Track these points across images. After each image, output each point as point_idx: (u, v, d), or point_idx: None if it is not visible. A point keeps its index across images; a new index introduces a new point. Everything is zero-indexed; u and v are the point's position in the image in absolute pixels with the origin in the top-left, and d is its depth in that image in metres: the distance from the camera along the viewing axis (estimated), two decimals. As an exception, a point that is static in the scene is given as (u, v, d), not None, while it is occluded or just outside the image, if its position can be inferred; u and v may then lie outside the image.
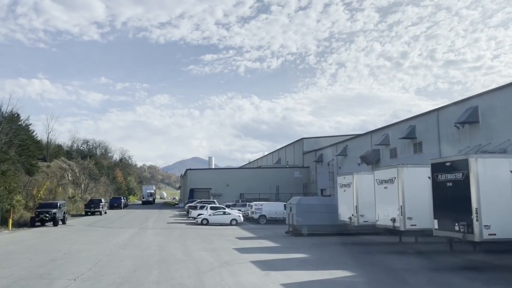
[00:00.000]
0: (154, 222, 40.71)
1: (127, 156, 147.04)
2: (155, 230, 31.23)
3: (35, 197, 41.91)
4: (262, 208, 41.47)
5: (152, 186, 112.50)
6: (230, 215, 39.01)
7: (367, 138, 57.34)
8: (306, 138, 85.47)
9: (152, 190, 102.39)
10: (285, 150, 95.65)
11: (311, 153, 79.42)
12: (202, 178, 78.89)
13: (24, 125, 64.76)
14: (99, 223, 38.08)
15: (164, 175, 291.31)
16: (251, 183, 77.55)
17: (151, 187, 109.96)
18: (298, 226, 28.11)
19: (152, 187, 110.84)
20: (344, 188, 24.25)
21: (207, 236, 27.11)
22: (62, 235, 26.52)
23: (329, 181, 68.11)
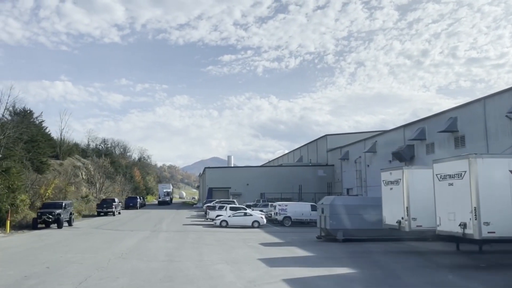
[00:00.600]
0: (169, 224, 37.27)
1: (146, 155, 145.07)
2: (168, 234, 27.68)
3: (42, 196, 39.00)
4: (286, 209, 37.56)
5: (169, 185, 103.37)
6: (251, 217, 35.23)
7: (399, 133, 52.74)
8: (330, 134, 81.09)
9: (169, 189, 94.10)
10: (307, 147, 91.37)
11: (335, 150, 75.01)
12: (221, 177, 75.40)
13: (37, 122, 62.59)
14: (109, 225, 34.82)
15: (183, 175, 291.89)
16: (272, 182, 73.70)
17: (168, 185, 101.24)
18: (332, 230, 24.13)
19: (169, 186, 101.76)
20: (391, 186, 20.14)
21: (226, 242, 23.39)
22: (61, 239, 23.20)
23: (356, 180, 63.70)
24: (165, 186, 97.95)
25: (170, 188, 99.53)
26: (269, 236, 27.78)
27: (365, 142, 63.20)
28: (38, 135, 48.44)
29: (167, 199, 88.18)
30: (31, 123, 59.47)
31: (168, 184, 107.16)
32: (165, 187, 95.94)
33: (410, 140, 47.80)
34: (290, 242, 24.21)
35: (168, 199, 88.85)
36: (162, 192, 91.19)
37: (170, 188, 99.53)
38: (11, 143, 34.83)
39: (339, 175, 72.76)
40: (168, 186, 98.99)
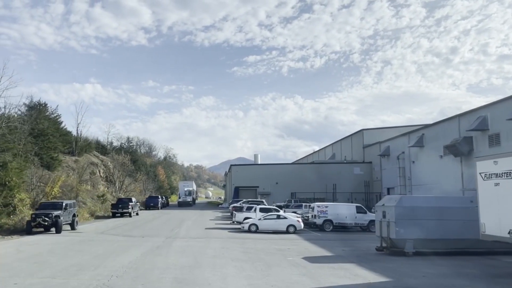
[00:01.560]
0: (189, 227, 31.97)
1: (171, 154, 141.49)
2: (185, 242, 22.29)
3: (48, 195, 34.47)
4: (327, 211, 31.63)
5: (191, 183, 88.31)
6: (286, 220, 29.48)
7: (453, 124, 45.85)
8: (367, 129, 74.32)
9: (191, 188, 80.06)
10: (341, 144, 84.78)
11: (374, 146, 68.28)
12: (248, 175, 69.90)
13: (53, 116, 58.79)
14: (119, 228, 29.81)
15: (210, 174, 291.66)
16: (304, 181, 67.71)
17: (190, 183, 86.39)
18: (398, 240, 18.14)
19: (191, 183, 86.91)
20: (496, 181, 13.95)
21: (259, 255, 17.79)
22: (44, 251, 18.12)
23: (399, 178, 56.88)
24: (187, 184, 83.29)
25: (193, 186, 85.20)
26: (311, 245, 22.00)
27: (409, 135, 56.40)
28: (48, 129, 44.11)
29: (189, 199, 73.96)
30: (45, 117, 55.75)
31: (190, 182, 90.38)
32: (187, 185, 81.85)
33: (468, 131, 41.08)
34: (342, 255, 18.37)
35: (190, 199, 74.71)
36: (183, 191, 77.87)
37: (193, 186, 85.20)
38: (9, 134, 30.21)
39: (378, 173, 66.03)
40: (190, 184, 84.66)
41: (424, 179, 50.75)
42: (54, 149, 43.99)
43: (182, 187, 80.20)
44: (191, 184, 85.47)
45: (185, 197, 73.70)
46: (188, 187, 79.37)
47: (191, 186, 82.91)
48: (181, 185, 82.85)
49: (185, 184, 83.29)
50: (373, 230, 31.37)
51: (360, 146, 73.64)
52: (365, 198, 66.60)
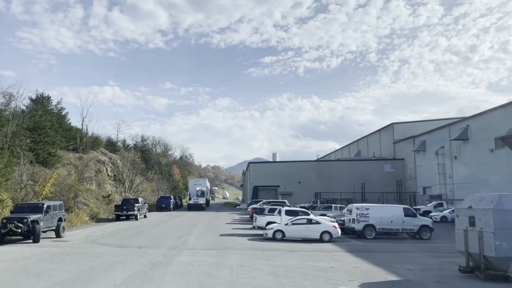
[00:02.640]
0: (201, 233, 26.61)
1: (187, 153, 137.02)
2: (191, 257, 16.92)
3: (38, 195, 29.61)
4: (368, 214, 25.86)
5: (204, 180, 72.53)
6: (319, 226, 23.84)
7: (506, 113, 39.53)
8: (398, 123, 67.99)
9: (204, 187, 63.60)
10: (367, 140, 78.54)
11: (406, 141, 62.01)
12: (268, 174, 64.37)
13: (57, 109, 54.40)
14: (115, 235, 24.64)
15: (227, 175, 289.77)
16: (329, 180, 61.97)
17: (203, 181, 71.16)
18: (499, 259, 12.36)
19: (204, 181, 71.45)
20: None
21: (295, 279, 12.30)
22: (2, 267, 12.93)
23: (438, 176, 50.64)
24: (199, 182, 67.59)
25: (206, 185, 68.39)
26: (361, 262, 16.34)
27: (450, 128, 50.11)
28: (46, 121, 39.40)
29: (201, 201, 57.59)
30: (48, 111, 51.38)
31: (203, 180, 73.91)
32: (199, 184, 65.98)
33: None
34: (415, 280, 12.71)
35: (203, 201, 58.15)
36: (194, 191, 61.58)
37: (206, 185, 68.39)
38: None
39: (412, 170, 59.73)
40: (203, 183, 68.60)
41: (470, 176, 44.40)
42: (52, 144, 39.26)
43: (193, 186, 64.37)
44: (204, 182, 68.95)
45: (197, 198, 58.17)
46: (200, 186, 63.87)
47: (204, 185, 66.44)
48: (192, 184, 66.79)
49: (196, 182, 67.81)
50: (425, 238, 25.72)
51: (390, 141, 67.39)
52: (397, 198, 60.45)
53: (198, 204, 56.58)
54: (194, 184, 65.64)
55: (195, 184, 65.65)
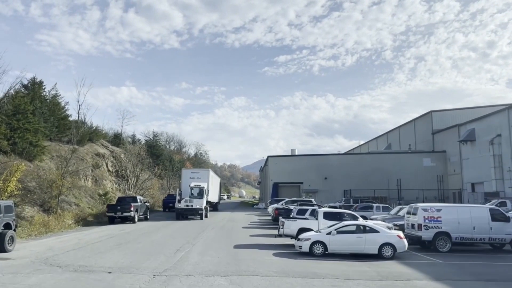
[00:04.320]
0: (208, 244, 19.54)
1: (202, 150, 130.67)
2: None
3: (1, 192, 22.98)
4: (440, 218, 18.46)
5: (205, 172, 44.03)
6: (377, 235, 16.51)
7: None
8: (437, 111, 59.82)
9: (203, 183, 38.83)
10: (399, 131, 70.47)
11: (449, 130, 53.93)
12: (289, 169, 56.99)
13: (50, 96, 48.25)
14: (85, 249, 17.71)
15: (243, 174, 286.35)
16: (359, 176, 54.35)
17: (203, 173, 43.42)
18: None
19: (204, 173, 43.53)
20: None
21: None
22: None
23: (494, 170, 42.57)
24: (196, 174, 42.68)
25: (209, 179, 42.39)
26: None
27: (509, 112, 41.94)
28: (27, 105, 32.92)
29: (197, 205, 35.20)
30: (41, 97, 45.27)
31: (204, 171, 44.98)
32: (196, 176, 41.75)
33: None
34: None
35: (201, 204, 35.35)
36: (186, 188, 38.00)
37: (209, 179, 42.39)
38: None
39: (457, 164, 51.63)
40: (203, 175, 42.47)
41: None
42: (34, 132, 32.78)
43: (186, 181, 40.58)
44: (205, 174, 42.64)
45: (191, 200, 35.41)
46: (198, 180, 40.05)
47: (205, 178, 41.30)
48: (185, 176, 42.04)
49: (193, 174, 42.70)
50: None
51: (427, 131, 59.35)
52: (438, 196, 52.51)
53: (192, 210, 34.59)
54: (189, 178, 40.84)
55: (190, 177, 40.94)
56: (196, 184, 37.12)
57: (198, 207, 34.64)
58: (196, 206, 34.68)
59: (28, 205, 27.59)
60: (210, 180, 42.58)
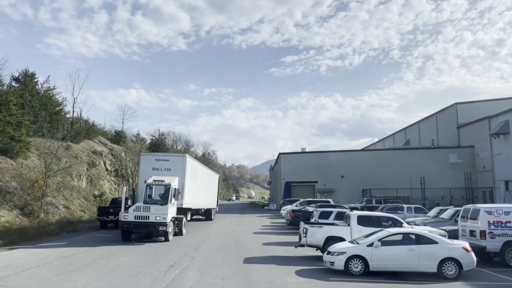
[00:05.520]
0: (211, 257, 15.48)
1: (210, 150, 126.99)
2: None
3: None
4: (510, 223, 14.25)
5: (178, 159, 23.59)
6: (435, 247, 12.35)
7: None
8: (462, 103, 55.27)
9: (172, 179, 21.41)
10: (419, 126, 65.95)
11: (477, 123, 49.41)
12: (303, 167, 52.80)
13: (43, 89, 44.69)
14: (57, 263, 13.76)
15: (252, 174, 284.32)
16: (378, 174, 50.06)
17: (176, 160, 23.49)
18: None
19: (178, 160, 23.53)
20: None
21: None
22: None
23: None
24: (164, 163, 23.18)
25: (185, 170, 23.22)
26: None
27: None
28: (7, 95, 29.18)
29: (159, 216, 19.61)
30: (33, 90, 41.82)
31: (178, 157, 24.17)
32: (162, 165, 23.09)
33: None
34: None
35: (161, 216, 19.61)
36: (143, 186, 21.09)
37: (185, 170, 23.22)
38: None
39: (487, 160, 47.07)
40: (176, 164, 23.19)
41: None
42: (17, 126, 29.05)
43: (145, 171, 22.66)
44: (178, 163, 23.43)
45: (145, 206, 19.94)
46: (167, 172, 22.58)
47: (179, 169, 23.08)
48: (146, 165, 23.29)
49: (159, 161, 23.36)
50: None
51: (452, 125, 54.80)
52: (466, 195, 48.05)
53: (147, 225, 19.72)
54: (151, 169, 22.87)
55: (154, 167, 23.03)
56: (157, 180, 20.81)
57: (158, 219, 19.36)
58: (156, 217, 19.37)
59: (6, 209, 23.84)
60: (189, 174, 24.17)
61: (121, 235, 20.30)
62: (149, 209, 19.67)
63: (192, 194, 25.75)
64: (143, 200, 20.19)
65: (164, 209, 19.74)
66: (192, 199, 25.81)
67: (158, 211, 19.66)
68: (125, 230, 20.06)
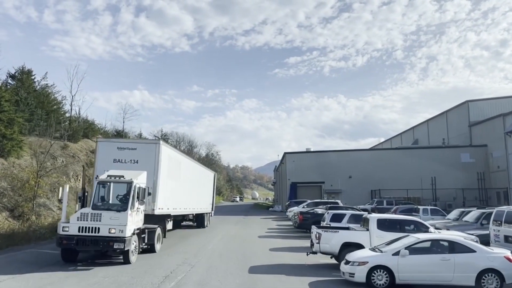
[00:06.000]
0: (212, 264, 13.80)
1: (214, 151, 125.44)
2: None
3: None
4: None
5: (148, 148, 17.23)
6: (471, 256, 10.64)
7: None
8: (474, 100, 53.39)
9: (137, 175, 14.88)
10: (427, 125, 64.05)
11: (491, 121, 47.54)
12: (309, 167, 51.05)
13: (40, 86, 43.23)
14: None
15: (256, 175, 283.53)
16: (387, 174, 48.23)
17: (145, 148, 17.20)
18: None
19: (148, 148, 17.20)
20: None
21: None
22: None
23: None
24: (129, 152, 16.99)
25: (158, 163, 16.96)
26: None
27: None
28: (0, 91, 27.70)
29: (111, 229, 13.31)
30: (30, 88, 40.38)
31: (148, 146, 17.54)
32: (126, 155, 16.92)
33: None
34: None
35: (118, 228, 13.36)
36: (97, 187, 14.47)
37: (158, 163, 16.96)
38: None
39: (502, 159, 45.15)
40: (146, 153, 17.00)
41: None
42: (9, 123, 27.53)
43: (102, 163, 16.80)
44: (148, 151, 17.09)
45: (95, 213, 13.61)
46: (132, 165, 16.59)
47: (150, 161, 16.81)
48: (104, 156, 17.09)
49: (123, 150, 17.09)
50: None
51: (463, 124, 52.89)
52: (479, 196, 46.18)
53: (97, 240, 13.38)
54: (112, 160, 16.91)
55: (116, 158, 16.99)
56: (113, 175, 14.75)
57: (113, 232, 13.41)
58: (110, 230, 13.42)
59: (-6, 211, 22.29)
60: (166, 168, 18.14)
61: (61, 255, 14.11)
62: (100, 218, 13.36)
63: (172, 195, 19.49)
64: (92, 205, 13.91)
65: (122, 218, 13.42)
66: (171, 203, 19.52)
67: (114, 220, 13.38)
68: (65, 248, 13.75)
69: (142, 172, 15.51)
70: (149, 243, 15.88)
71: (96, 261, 14.37)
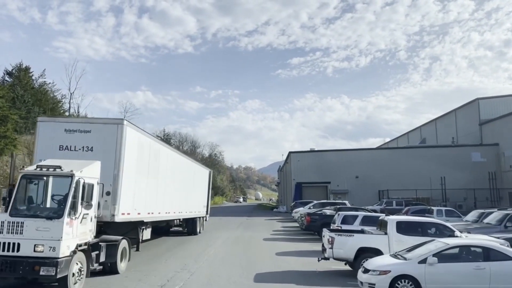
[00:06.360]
0: (214, 272, 12.52)
1: (217, 151, 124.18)
2: None
3: None
4: None
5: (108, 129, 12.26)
6: (509, 265, 9.29)
7: None
8: (484, 98, 51.91)
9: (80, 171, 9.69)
10: (435, 124, 62.59)
11: (502, 119, 46.13)
12: (314, 167, 49.74)
13: (38, 84, 42.25)
14: None
15: (259, 176, 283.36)
16: (395, 174, 46.87)
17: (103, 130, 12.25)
18: None
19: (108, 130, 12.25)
20: None
21: None
22: None
23: None
24: (80, 136, 12.19)
25: (122, 151, 12.19)
26: None
27: None
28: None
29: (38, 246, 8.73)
30: (27, 85, 39.44)
31: (109, 126, 12.37)
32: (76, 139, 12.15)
33: None
34: None
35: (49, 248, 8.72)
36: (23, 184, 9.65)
37: (122, 151, 12.19)
38: None
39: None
40: (103, 136, 12.21)
41: None
42: (3, 121, 26.42)
43: (43, 150, 12.14)
44: (108, 134, 12.24)
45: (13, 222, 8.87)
46: (84, 154, 11.96)
47: (110, 148, 12.12)
48: (44, 141, 12.38)
49: (72, 133, 12.25)
50: None
51: (473, 122, 51.43)
52: (490, 196, 44.74)
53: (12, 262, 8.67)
54: (58, 148, 12.12)
55: (62, 145, 12.20)
56: (44, 165, 9.85)
57: (39, 250, 8.76)
58: (35, 247, 8.79)
59: (-16, 212, 21.08)
60: (133, 157, 13.37)
61: None
62: (22, 229, 8.89)
63: (146, 195, 14.93)
64: (11, 209, 9.19)
65: (55, 229, 8.91)
66: (144, 205, 14.72)
67: (42, 232, 8.87)
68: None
69: (92, 162, 10.74)
70: (109, 261, 11.41)
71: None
